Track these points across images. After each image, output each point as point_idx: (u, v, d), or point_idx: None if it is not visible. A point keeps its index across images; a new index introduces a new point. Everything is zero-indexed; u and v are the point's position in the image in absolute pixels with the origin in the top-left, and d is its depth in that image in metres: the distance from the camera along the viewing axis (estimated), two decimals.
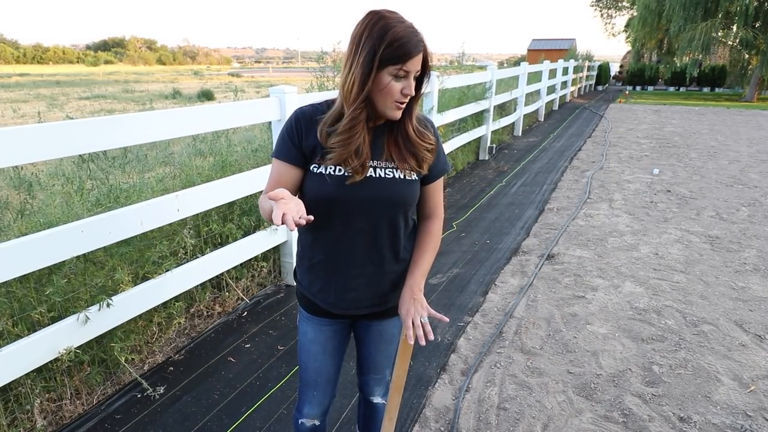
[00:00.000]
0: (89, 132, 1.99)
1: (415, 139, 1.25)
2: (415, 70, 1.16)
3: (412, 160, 1.26)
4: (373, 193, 1.23)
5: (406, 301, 1.29)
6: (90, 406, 2.20)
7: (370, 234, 1.27)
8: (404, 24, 1.15)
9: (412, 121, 1.25)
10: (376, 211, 1.25)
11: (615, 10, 31.80)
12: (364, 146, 1.21)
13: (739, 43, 17.29)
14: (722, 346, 2.62)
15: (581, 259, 3.75)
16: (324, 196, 1.24)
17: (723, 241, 4.12)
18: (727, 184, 5.98)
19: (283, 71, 59.54)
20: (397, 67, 1.13)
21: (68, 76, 34.63)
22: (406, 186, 1.26)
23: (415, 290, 1.30)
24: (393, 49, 1.11)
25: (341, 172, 1.22)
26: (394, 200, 1.25)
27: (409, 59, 1.14)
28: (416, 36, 1.15)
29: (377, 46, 1.11)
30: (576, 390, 2.27)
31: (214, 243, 2.94)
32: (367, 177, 1.23)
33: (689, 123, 11.44)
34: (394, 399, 1.39)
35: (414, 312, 1.26)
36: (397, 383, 1.37)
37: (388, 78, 1.14)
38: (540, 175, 6.49)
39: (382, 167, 1.24)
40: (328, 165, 1.23)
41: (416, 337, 1.24)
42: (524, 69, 9.29)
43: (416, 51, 1.14)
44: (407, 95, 1.17)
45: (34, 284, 2.04)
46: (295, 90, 3.06)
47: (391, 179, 1.24)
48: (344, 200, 1.23)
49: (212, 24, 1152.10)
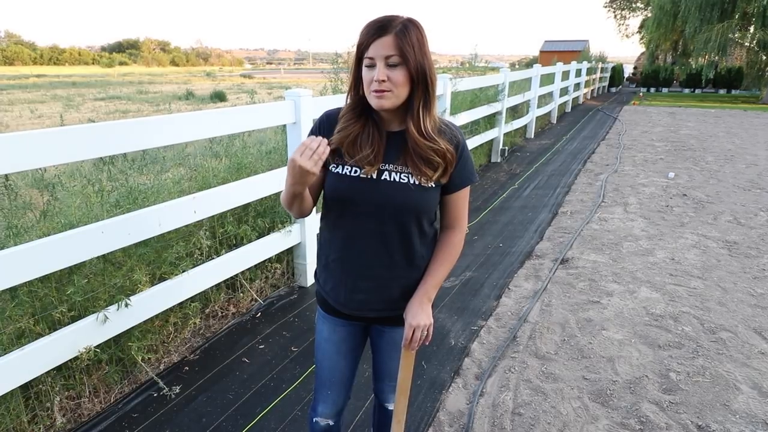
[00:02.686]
0: (116, 134, 2.03)
1: (420, 140, 1.22)
2: (380, 55, 1.14)
3: (426, 166, 1.24)
4: (383, 196, 1.25)
5: (413, 308, 1.31)
6: (107, 405, 2.23)
7: (381, 236, 1.28)
8: (378, 17, 1.17)
9: (414, 119, 1.21)
10: (385, 214, 1.26)
11: (629, 11, 31.48)
12: (376, 147, 1.24)
13: (757, 45, 17.02)
14: (741, 353, 2.58)
15: (596, 263, 3.71)
16: (337, 195, 1.29)
17: (741, 246, 4.05)
18: (745, 188, 5.89)
19: (295, 72, 59.88)
20: (365, 56, 1.17)
21: (84, 77, 35.21)
22: (419, 193, 1.25)
23: (424, 299, 1.31)
24: (359, 39, 1.18)
25: (356, 173, 1.25)
26: (404, 205, 1.25)
27: (370, 44, 1.15)
28: (379, 22, 1.15)
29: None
30: (592, 396, 2.25)
31: (229, 244, 2.97)
32: (380, 180, 1.25)
33: (705, 126, 11.28)
34: (400, 402, 1.40)
35: (417, 321, 1.28)
36: (402, 386, 1.38)
37: (363, 69, 1.19)
38: (553, 178, 6.44)
39: (397, 171, 1.25)
40: (344, 164, 1.27)
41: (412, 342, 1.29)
42: (537, 71, 9.24)
43: (374, 35, 1.14)
44: (378, 80, 1.15)
45: (55, 284, 2.07)
46: (309, 93, 3.07)
47: (403, 184, 1.24)
48: (356, 200, 1.26)
49: (225, 25, 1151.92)
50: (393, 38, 1.14)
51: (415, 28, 1.17)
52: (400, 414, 1.42)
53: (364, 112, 1.26)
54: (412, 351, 1.33)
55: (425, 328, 1.30)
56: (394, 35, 1.14)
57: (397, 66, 1.16)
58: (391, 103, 1.19)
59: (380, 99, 1.18)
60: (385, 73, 1.15)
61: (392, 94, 1.18)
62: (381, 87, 1.16)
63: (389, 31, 1.14)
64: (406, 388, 1.38)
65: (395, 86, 1.17)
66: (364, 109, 1.26)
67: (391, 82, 1.16)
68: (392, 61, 1.15)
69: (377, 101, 1.19)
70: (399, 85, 1.17)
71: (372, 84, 1.17)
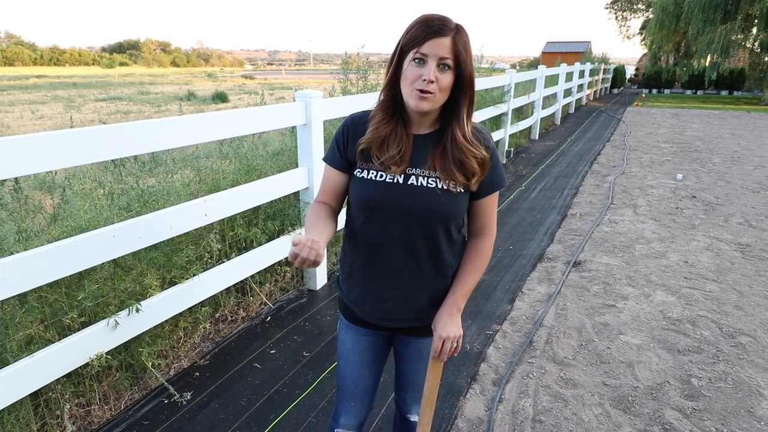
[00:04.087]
0: (126, 136, 1.99)
1: (465, 145, 1.19)
2: (434, 54, 1.10)
3: (459, 171, 1.20)
4: (410, 201, 1.20)
5: (442, 319, 1.26)
6: (118, 412, 2.18)
7: (408, 243, 1.24)
8: (432, 14, 1.14)
9: (460, 124, 1.19)
10: (412, 219, 1.21)
11: (630, 13, 31.48)
12: (403, 147, 1.20)
13: (759, 46, 17.00)
14: (762, 358, 2.53)
15: (609, 266, 3.67)
16: (362, 200, 1.24)
17: (754, 249, 4.01)
18: (754, 190, 5.84)
19: (296, 73, 59.87)
20: (414, 51, 1.12)
21: (84, 77, 35.18)
22: (447, 198, 1.21)
23: (453, 309, 1.27)
24: (411, 33, 1.13)
25: (382, 178, 1.21)
26: (432, 210, 1.21)
27: (425, 41, 1.10)
28: (438, 21, 1.12)
29: (402, 35, 1.15)
30: (613, 403, 2.20)
31: (239, 247, 2.92)
32: (407, 185, 1.20)
33: (710, 127, 11.24)
34: (426, 414, 1.36)
35: (447, 332, 1.24)
36: (429, 398, 1.33)
37: (408, 63, 1.13)
38: (560, 179, 6.40)
39: (424, 176, 1.21)
40: (370, 169, 1.23)
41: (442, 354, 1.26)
42: (542, 72, 9.20)
43: (433, 33, 1.10)
44: (427, 80, 1.11)
45: (66, 289, 2.03)
46: (320, 95, 3.03)
47: (431, 189, 1.20)
48: (381, 206, 1.22)
49: (226, 26, 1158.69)
50: (450, 41, 1.11)
51: (466, 34, 1.15)
52: (425, 425, 1.37)
53: (396, 111, 1.22)
54: (441, 362, 1.29)
55: (455, 339, 1.25)
56: (452, 38, 1.11)
57: (448, 69, 1.13)
58: (431, 105, 1.15)
59: (422, 101, 1.13)
60: (435, 74, 1.11)
61: (434, 97, 1.14)
62: (428, 87, 1.11)
63: (447, 32, 1.11)
64: (433, 399, 1.34)
65: (440, 89, 1.13)
66: (396, 108, 1.22)
67: (438, 85, 1.12)
68: (446, 63, 1.12)
69: (418, 102, 1.14)
70: (444, 88, 1.14)
71: (418, 82, 1.12)
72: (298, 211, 3.18)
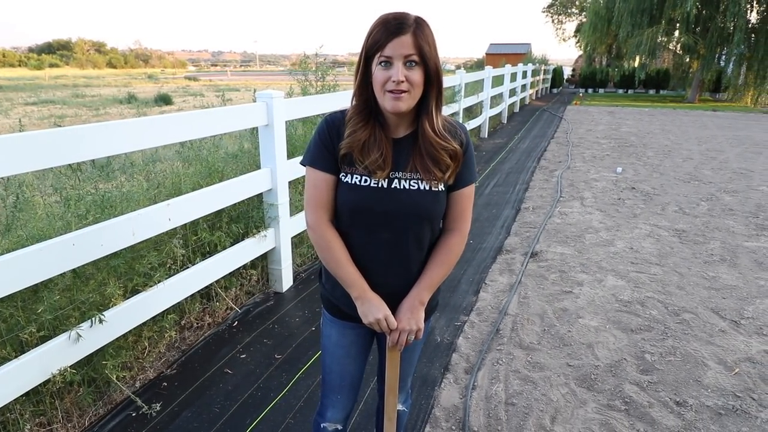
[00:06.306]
0: (84, 140, 1.90)
1: (434, 139, 1.20)
2: (398, 54, 1.11)
3: (435, 167, 1.22)
4: (397, 205, 1.22)
5: (403, 311, 1.28)
6: (82, 429, 2.07)
7: (395, 246, 1.25)
8: (389, 14, 1.14)
9: (429, 117, 1.20)
10: (400, 222, 1.23)
11: (565, 17, 33.17)
12: (384, 151, 1.21)
13: (681, 48, 18.40)
14: (704, 332, 2.77)
15: (563, 255, 3.87)
16: (348, 205, 1.24)
17: (689, 234, 4.36)
18: (684, 180, 6.33)
19: (242, 75, 58.29)
20: (378, 56, 1.13)
21: (10, 80, 32.52)
22: (431, 197, 1.23)
23: (416, 303, 1.28)
24: (372, 37, 1.14)
25: (367, 182, 1.22)
26: (419, 212, 1.23)
27: (386, 43, 1.11)
28: (395, 20, 1.12)
29: (364, 40, 1.16)
30: (577, 382, 2.34)
31: (203, 252, 2.85)
32: (391, 188, 1.22)
33: (642, 123, 12.04)
34: (389, 400, 1.41)
35: (403, 325, 1.27)
36: (390, 385, 1.39)
37: (375, 67, 1.14)
38: (511, 175, 6.66)
39: (407, 179, 1.23)
40: (354, 173, 1.23)
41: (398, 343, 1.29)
42: (489, 73, 9.53)
43: (392, 34, 1.11)
44: (396, 81, 1.11)
45: (21, 303, 1.90)
46: (281, 95, 3.01)
47: (415, 190, 1.22)
48: (368, 210, 1.23)
49: (165, 26, 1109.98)
50: (411, 37, 1.12)
51: (427, 26, 1.16)
52: (391, 411, 1.43)
53: (371, 115, 1.22)
54: (398, 351, 1.33)
55: (413, 333, 1.28)
56: (413, 34, 1.12)
57: (416, 66, 1.13)
58: (407, 105, 1.16)
59: (397, 101, 1.14)
60: (404, 73, 1.12)
61: (409, 95, 1.14)
62: (399, 87, 1.12)
63: (406, 30, 1.11)
64: (394, 386, 1.39)
65: (413, 87, 1.14)
66: (371, 112, 1.22)
67: (409, 83, 1.13)
68: (412, 60, 1.12)
69: (394, 103, 1.14)
70: (416, 85, 1.14)
71: (388, 84, 1.13)
72: (262, 213, 3.13)
